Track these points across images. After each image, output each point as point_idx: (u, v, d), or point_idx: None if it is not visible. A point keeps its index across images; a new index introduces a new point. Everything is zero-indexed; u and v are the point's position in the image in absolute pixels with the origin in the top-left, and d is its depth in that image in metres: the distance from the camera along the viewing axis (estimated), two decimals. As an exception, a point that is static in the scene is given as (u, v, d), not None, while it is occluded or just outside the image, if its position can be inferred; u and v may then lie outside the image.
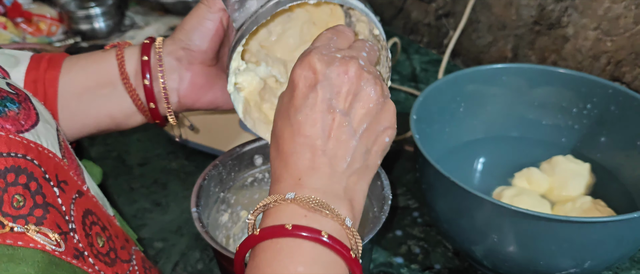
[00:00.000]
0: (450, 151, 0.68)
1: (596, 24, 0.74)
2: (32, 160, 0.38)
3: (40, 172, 0.38)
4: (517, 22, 0.85)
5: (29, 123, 0.40)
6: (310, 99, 0.38)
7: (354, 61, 0.39)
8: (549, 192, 0.63)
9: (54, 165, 0.40)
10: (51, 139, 0.42)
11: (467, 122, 0.70)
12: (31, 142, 0.38)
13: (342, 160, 0.38)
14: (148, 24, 1.14)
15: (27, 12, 1.08)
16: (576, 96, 0.66)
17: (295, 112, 0.38)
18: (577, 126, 0.67)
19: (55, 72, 0.50)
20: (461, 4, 0.93)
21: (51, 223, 0.37)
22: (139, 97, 0.50)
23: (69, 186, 0.42)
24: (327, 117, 0.38)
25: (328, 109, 0.38)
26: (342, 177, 0.39)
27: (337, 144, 0.38)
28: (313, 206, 0.36)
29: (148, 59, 0.49)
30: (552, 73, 0.66)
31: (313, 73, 0.38)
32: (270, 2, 0.43)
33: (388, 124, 0.41)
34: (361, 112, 0.39)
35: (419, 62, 1.00)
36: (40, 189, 0.38)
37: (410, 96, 0.90)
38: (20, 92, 0.42)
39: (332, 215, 0.36)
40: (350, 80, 0.39)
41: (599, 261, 0.51)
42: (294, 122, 0.38)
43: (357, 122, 0.39)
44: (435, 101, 0.64)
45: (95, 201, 0.46)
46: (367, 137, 0.40)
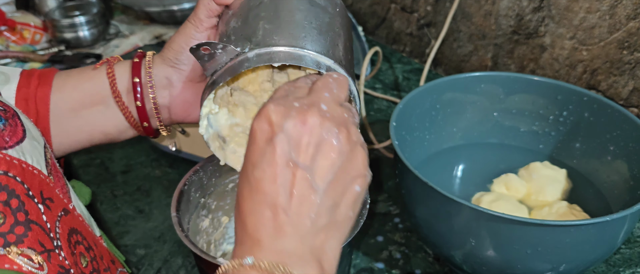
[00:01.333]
0: (429, 158, 0.69)
1: (572, 33, 0.76)
2: (14, 177, 0.38)
3: (23, 189, 0.38)
4: (496, 31, 0.87)
5: (14, 140, 0.40)
6: (267, 153, 0.35)
7: (314, 109, 0.36)
8: (527, 198, 0.64)
9: (39, 182, 0.40)
10: (37, 156, 0.42)
11: (446, 130, 0.71)
12: (15, 159, 0.38)
13: (306, 218, 0.35)
14: (133, 33, 1.14)
15: (10, 21, 1.07)
16: (552, 104, 0.68)
17: (253, 168, 0.35)
18: (553, 133, 0.69)
19: (46, 90, 0.50)
20: (442, 14, 0.95)
21: (33, 240, 0.37)
22: (132, 114, 0.51)
23: (54, 203, 0.41)
24: (286, 172, 0.35)
25: (287, 163, 0.35)
26: (307, 237, 0.35)
27: (299, 201, 0.35)
28: (273, 272, 0.33)
29: (139, 80, 0.50)
30: (529, 81, 0.68)
31: (269, 125, 0.35)
32: (239, 57, 0.43)
33: (357, 173, 0.37)
34: (325, 163, 0.36)
35: (401, 71, 1.01)
36: (22, 206, 0.37)
37: (392, 104, 0.91)
38: (8, 109, 0.42)
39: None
40: (310, 130, 0.35)
41: (575, 265, 0.52)
42: (252, 179, 0.35)
43: (320, 176, 0.35)
44: (414, 108, 0.66)
45: (82, 220, 0.46)
46: (334, 190, 0.36)
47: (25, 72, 0.52)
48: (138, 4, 1.16)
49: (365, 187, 0.38)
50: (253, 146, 0.36)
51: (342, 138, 0.36)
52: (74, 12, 1.09)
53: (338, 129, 0.36)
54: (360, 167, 0.37)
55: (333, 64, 0.43)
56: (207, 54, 0.43)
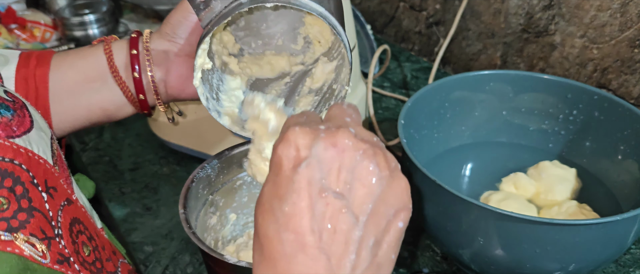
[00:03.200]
0: (438, 156, 0.69)
1: (583, 32, 0.75)
2: (20, 165, 0.38)
3: (28, 176, 0.39)
4: (505, 30, 0.86)
5: (21, 129, 0.40)
6: (295, 182, 0.30)
7: (344, 129, 0.31)
8: (536, 197, 0.63)
9: (44, 171, 0.41)
10: (43, 146, 0.42)
11: (454, 128, 0.71)
12: (21, 148, 0.39)
13: (344, 258, 0.30)
14: (142, 31, 1.15)
15: (21, 19, 1.08)
16: (562, 102, 0.67)
17: (280, 203, 0.30)
18: (563, 132, 0.68)
19: (45, 69, 0.51)
20: (451, 12, 0.94)
21: (35, 227, 0.38)
22: (129, 89, 0.51)
23: (58, 192, 0.42)
24: (319, 202, 0.30)
25: (319, 193, 0.30)
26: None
27: (335, 236, 0.30)
28: None
29: (137, 53, 0.50)
30: (539, 79, 0.67)
31: (296, 150, 0.31)
32: (233, 3, 0.44)
33: (400, 205, 0.32)
34: (362, 192, 0.31)
35: (410, 69, 1.01)
36: (26, 193, 0.38)
37: (400, 102, 0.91)
38: (17, 100, 0.43)
39: None
40: (343, 153, 0.31)
41: (584, 264, 0.52)
42: (280, 215, 0.30)
43: (358, 206, 0.31)
44: (423, 106, 0.65)
45: (84, 211, 0.47)
46: (375, 225, 0.31)
47: (24, 53, 0.52)
48: (147, 2, 1.16)
49: (408, 221, 0.33)
50: (278, 176, 0.31)
51: (380, 162, 0.31)
52: (83, 11, 1.10)
53: (374, 152, 0.31)
54: (402, 197, 0.32)
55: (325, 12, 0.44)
56: (202, 2, 0.43)
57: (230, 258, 0.42)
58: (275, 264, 0.30)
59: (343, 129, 0.31)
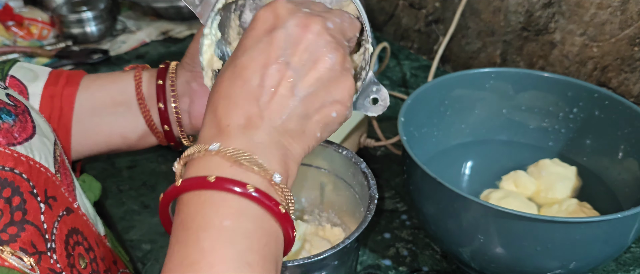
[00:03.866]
0: (438, 154, 0.69)
1: (583, 30, 0.75)
2: (20, 174, 0.38)
3: (28, 186, 0.38)
4: (505, 28, 0.86)
5: (23, 136, 0.40)
6: (262, 42, 0.35)
7: (320, 19, 0.36)
8: (536, 195, 0.63)
9: (45, 180, 0.40)
10: (46, 153, 0.42)
11: (454, 126, 0.70)
12: (22, 156, 0.38)
13: (277, 115, 0.35)
14: (140, 29, 1.14)
15: (18, 16, 1.08)
16: (562, 100, 0.67)
17: (242, 52, 0.35)
18: (563, 130, 0.68)
19: (73, 89, 0.51)
20: (451, 10, 0.94)
21: (26, 241, 0.37)
22: (152, 119, 0.52)
23: (57, 202, 0.41)
24: (273, 66, 0.35)
25: (277, 58, 0.35)
26: (274, 133, 0.35)
27: (275, 98, 0.35)
28: (238, 159, 0.33)
29: (163, 83, 0.51)
30: (539, 77, 0.67)
31: (274, 17, 0.36)
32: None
33: (339, 98, 0.37)
34: (312, 74, 0.36)
35: (409, 67, 1.01)
36: (23, 204, 0.37)
37: (400, 100, 0.91)
38: (19, 104, 0.42)
39: (260, 170, 0.33)
40: (310, 36, 0.36)
41: (584, 262, 0.51)
42: (238, 63, 0.35)
43: (303, 83, 0.36)
44: (423, 104, 0.65)
45: (85, 219, 0.46)
46: (311, 103, 0.36)
47: (54, 71, 0.53)
48: (145, 0, 1.16)
49: (342, 116, 0.37)
50: (251, 32, 0.36)
51: (336, 58, 0.36)
52: (81, 8, 1.09)
53: (336, 47, 0.36)
54: (344, 94, 0.37)
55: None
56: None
57: None
58: (218, 102, 0.35)
59: (319, 18, 0.36)
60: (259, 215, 0.33)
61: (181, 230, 0.33)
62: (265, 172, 0.33)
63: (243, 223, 0.32)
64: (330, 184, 0.56)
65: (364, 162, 0.52)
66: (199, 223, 0.32)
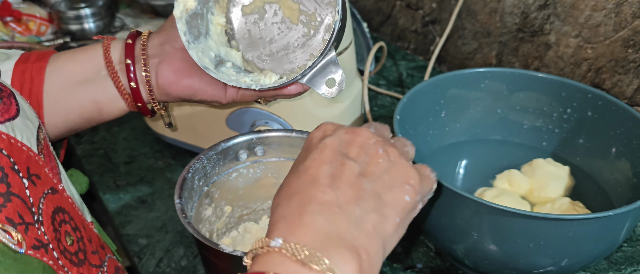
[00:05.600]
0: (433, 153, 0.69)
1: (577, 31, 0.76)
2: (0, 150, 0.38)
3: (9, 162, 0.38)
4: (501, 29, 0.87)
5: (5, 116, 0.40)
6: (319, 147, 0.37)
7: (364, 129, 0.40)
8: (529, 194, 0.64)
9: (27, 158, 0.40)
10: (28, 134, 0.42)
11: (449, 125, 0.71)
12: (3, 134, 0.39)
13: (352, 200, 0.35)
14: (138, 26, 1.14)
15: (16, 12, 1.08)
16: (556, 101, 0.68)
17: (303, 161, 0.37)
18: (557, 130, 0.69)
19: (43, 63, 0.51)
20: (447, 11, 0.95)
21: (12, 211, 0.37)
22: (120, 81, 0.51)
23: (41, 180, 0.42)
24: (336, 159, 0.36)
25: (337, 153, 0.37)
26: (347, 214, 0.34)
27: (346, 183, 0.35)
28: (301, 258, 0.31)
29: (132, 43, 0.51)
30: (533, 78, 0.68)
31: (323, 132, 0.39)
32: None
33: (406, 180, 0.37)
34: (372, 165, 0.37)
35: (406, 68, 1.01)
36: (5, 178, 0.38)
37: (396, 100, 0.91)
38: (5, 89, 0.42)
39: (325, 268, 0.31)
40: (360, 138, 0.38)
41: (576, 260, 0.52)
42: (301, 169, 0.37)
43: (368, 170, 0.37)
44: (418, 103, 0.66)
45: (71, 202, 0.46)
46: (381, 186, 0.36)
47: (25, 52, 0.53)
48: (144, -3, 1.16)
49: (414, 200, 0.37)
50: (307, 148, 0.39)
51: (388, 150, 0.38)
52: (79, 4, 1.09)
53: (384, 143, 0.39)
54: (409, 175, 0.37)
55: None
56: None
57: (226, 247, 0.42)
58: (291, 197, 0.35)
59: (363, 127, 0.40)
60: None
61: None
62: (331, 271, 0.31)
63: None
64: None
65: None
66: None
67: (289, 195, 0.35)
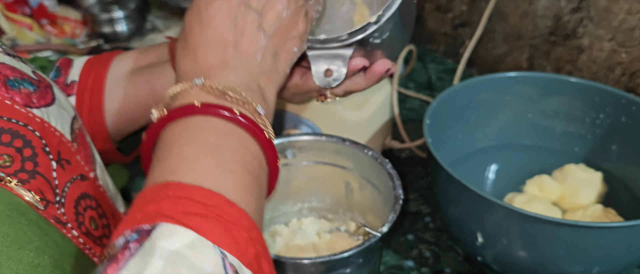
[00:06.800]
0: (463, 157, 0.69)
1: (611, 35, 0.75)
2: (33, 131, 0.39)
3: (41, 143, 0.39)
4: (532, 32, 0.86)
5: (41, 102, 0.41)
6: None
7: None
8: (561, 200, 0.63)
9: (59, 143, 0.41)
10: (62, 122, 0.43)
11: (479, 129, 0.71)
12: (37, 117, 0.39)
13: (253, 57, 0.39)
14: (168, 28, 1.17)
15: (52, 15, 1.11)
16: (589, 106, 0.67)
17: (206, 5, 0.39)
18: (589, 136, 0.68)
19: (112, 55, 0.55)
20: (477, 13, 0.94)
21: (34, 188, 0.37)
22: None
23: (71, 165, 0.42)
24: (239, 11, 0.38)
25: (239, 5, 0.39)
26: (253, 75, 0.38)
27: (247, 40, 0.39)
28: (221, 90, 0.35)
29: None
30: (565, 82, 0.67)
31: None
32: None
33: (296, 34, 0.42)
34: (272, 14, 0.40)
35: (435, 70, 1.01)
36: (34, 157, 0.38)
37: (425, 103, 0.91)
38: (42, 80, 0.44)
39: (244, 101, 0.36)
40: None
41: (607, 268, 0.51)
42: (205, 15, 0.38)
43: (267, 23, 0.40)
44: (448, 107, 0.65)
45: (102, 191, 0.47)
46: (276, 40, 0.40)
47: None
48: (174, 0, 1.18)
49: (300, 50, 0.43)
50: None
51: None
52: (112, 7, 1.12)
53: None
54: (300, 29, 0.42)
55: None
56: None
57: None
58: (195, 53, 0.38)
59: None
60: (244, 137, 0.35)
61: (163, 150, 0.34)
62: (249, 105, 0.36)
63: (228, 140, 0.34)
64: (355, 184, 0.57)
65: (389, 163, 0.53)
66: (183, 139, 0.34)
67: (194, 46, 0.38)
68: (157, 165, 0.34)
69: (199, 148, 0.33)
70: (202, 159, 0.33)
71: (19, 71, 0.42)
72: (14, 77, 0.40)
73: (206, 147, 0.33)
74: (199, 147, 0.33)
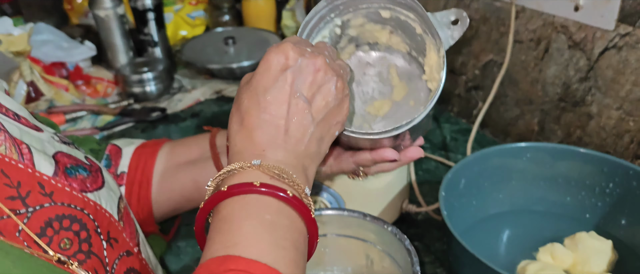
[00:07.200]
0: (476, 223, 0.72)
1: (619, 104, 0.78)
2: (88, 214, 0.44)
3: (93, 225, 0.44)
4: (543, 98, 0.90)
5: (94, 186, 0.47)
6: (280, 81, 0.43)
7: (322, 57, 0.45)
8: (573, 268, 0.66)
9: (108, 223, 0.47)
10: (111, 203, 0.48)
11: (492, 196, 0.74)
12: (91, 201, 0.45)
13: (301, 142, 0.43)
14: (195, 88, 1.22)
15: (86, 76, 1.17)
16: (599, 175, 0.70)
17: (264, 92, 0.43)
18: (600, 204, 0.70)
19: (156, 147, 0.60)
20: (490, 78, 0.98)
21: (90, 267, 0.43)
22: (220, 160, 0.58)
23: (118, 243, 0.48)
24: (292, 101, 0.43)
25: (294, 94, 0.43)
26: (299, 157, 0.43)
27: (298, 127, 0.43)
28: (277, 173, 0.40)
29: None
30: (575, 152, 0.70)
31: (286, 59, 0.44)
32: None
33: (339, 120, 0.46)
34: (321, 103, 0.44)
35: (449, 131, 1.05)
36: (89, 239, 0.43)
37: (440, 164, 0.95)
38: (93, 164, 0.49)
39: (294, 183, 0.40)
40: (317, 72, 0.44)
41: None
42: (262, 100, 0.43)
43: (316, 112, 0.44)
44: (463, 175, 0.69)
45: (145, 263, 0.52)
46: (322, 127, 0.45)
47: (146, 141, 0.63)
48: (200, 60, 1.24)
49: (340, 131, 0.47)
50: (267, 72, 0.44)
51: (338, 86, 0.45)
52: (142, 69, 1.18)
53: (336, 79, 0.45)
54: (343, 116, 0.47)
55: None
56: None
57: None
58: (252, 133, 0.43)
59: (322, 56, 0.45)
60: (294, 216, 0.40)
61: (223, 223, 0.38)
62: (298, 186, 0.41)
63: (281, 219, 0.38)
64: (375, 257, 0.61)
65: (407, 239, 0.56)
66: (243, 215, 0.38)
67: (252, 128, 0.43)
68: (217, 236, 0.38)
69: (257, 225, 0.37)
70: (260, 235, 0.37)
71: (74, 157, 0.47)
72: (71, 164, 0.45)
73: (263, 224, 0.38)
74: (257, 224, 0.38)
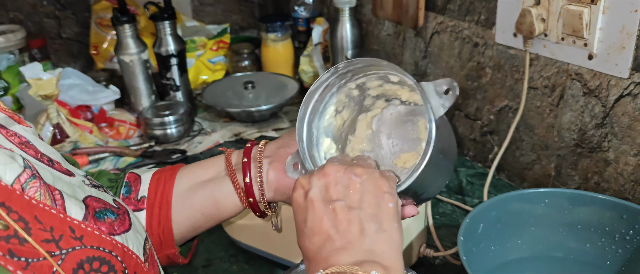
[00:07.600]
0: (495, 269, 0.72)
1: (636, 150, 0.79)
2: (116, 256, 0.46)
3: (121, 267, 0.46)
4: (559, 143, 0.90)
5: (121, 229, 0.49)
6: (309, 207, 0.46)
7: (328, 163, 0.49)
8: (594, 316, 0.65)
9: (135, 265, 0.48)
10: (137, 245, 0.50)
11: (511, 241, 0.74)
12: (119, 243, 0.47)
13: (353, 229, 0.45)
14: (214, 130, 1.25)
15: (110, 118, 1.20)
16: (618, 221, 0.70)
17: (304, 224, 0.46)
18: (620, 250, 0.70)
19: (174, 170, 0.62)
20: (505, 123, 0.99)
21: None
22: (237, 177, 0.60)
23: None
24: (326, 210, 0.46)
25: (324, 202, 0.46)
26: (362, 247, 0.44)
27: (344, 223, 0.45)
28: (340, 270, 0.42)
29: (250, 147, 0.61)
30: (594, 199, 0.71)
31: (302, 188, 0.48)
32: None
33: (382, 192, 0.47)
34: (354, 193, 0.47)
35: (465, 175, 1.05)
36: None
37: (457, 208, 0.95)
38: (121, 207, 0.51)
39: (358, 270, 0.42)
40: (332, 175, 0.47)
41: None
42: (308, 231, 0.46)
43: (353, 199, 0.46)
44: (481, 220, 0.69)
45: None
46: (369, 206, 0.46)
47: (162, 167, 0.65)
48: (220, 104, 1.27)
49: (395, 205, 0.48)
50: (298, 208, 0.48)
51: (357, 172, 0.48)
52: (164, 112, 1.21)
53: (352, 168, 0.48)
54: (382, 187, 0.48)
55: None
56: None
57: None
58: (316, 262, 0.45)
59: (327, 163, 0.49)
60: None
61: None
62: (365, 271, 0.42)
63: None
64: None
65: None
66: None
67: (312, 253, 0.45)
68: None
69: None
70: None
71: (103, 201, 0.49)
72: (100, 208, 0.47)
73: None
74: None
